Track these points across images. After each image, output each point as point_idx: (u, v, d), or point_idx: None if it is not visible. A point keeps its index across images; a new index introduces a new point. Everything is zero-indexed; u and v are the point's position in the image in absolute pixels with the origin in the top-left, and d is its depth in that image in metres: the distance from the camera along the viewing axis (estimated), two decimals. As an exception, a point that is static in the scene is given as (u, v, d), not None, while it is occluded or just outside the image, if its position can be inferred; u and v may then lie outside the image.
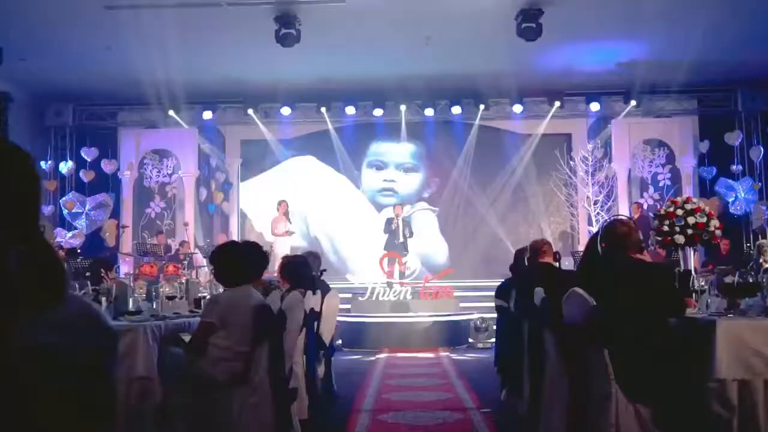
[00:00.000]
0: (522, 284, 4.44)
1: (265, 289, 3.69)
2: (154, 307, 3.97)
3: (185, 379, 3.17)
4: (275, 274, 4.90)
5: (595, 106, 13.00)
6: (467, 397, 5.56)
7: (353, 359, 8.73)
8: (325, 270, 5.71)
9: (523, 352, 4.50)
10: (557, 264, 4.55)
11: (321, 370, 5.37)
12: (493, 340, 9.63)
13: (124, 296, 4.02)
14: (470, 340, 9.89)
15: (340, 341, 9.87)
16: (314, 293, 4.85)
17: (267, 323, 3.16)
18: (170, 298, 4.09)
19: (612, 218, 3.45)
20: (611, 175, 12.87)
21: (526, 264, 4.75)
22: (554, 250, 4.59)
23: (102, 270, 5.45)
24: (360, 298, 10.57)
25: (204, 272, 10.58)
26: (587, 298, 3.20)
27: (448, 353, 9.10)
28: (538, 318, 3.92)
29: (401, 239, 11.42)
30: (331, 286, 10.55)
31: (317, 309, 4.88)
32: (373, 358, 8.66)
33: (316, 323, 4.97)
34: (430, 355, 8.94)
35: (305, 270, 4.62)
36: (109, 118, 13.48)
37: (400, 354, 8.99)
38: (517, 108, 12.96)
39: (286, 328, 3.41)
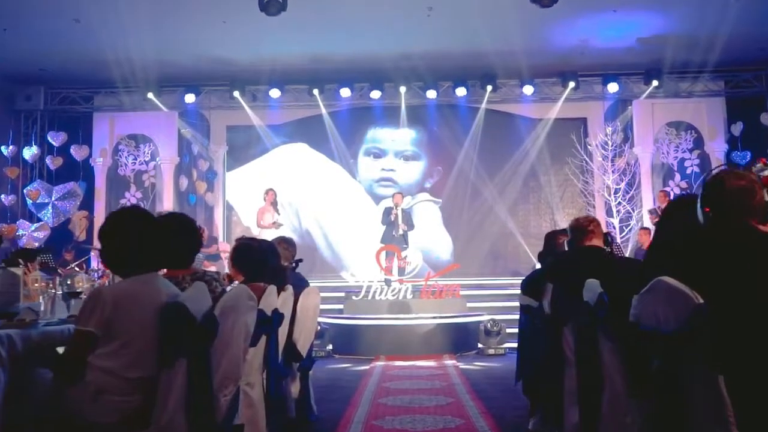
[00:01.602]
0: (562, 276, 3.25)
1: (196, 282, 2.51)
2: (42, 308, 2.79)
3: (49, 421, 1.99)
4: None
5: (613, 87, 11.96)
6: (484, 425, 4.32)
7: (344, 369, 7.55)
8: (300, 260, 4.51)
9: (562, 366, 3.32)
10: (609, 248, 3.36)
11: (295, 388, 4.19)
12: (507, 345, 8.55)
13: (8, 293, 2.83)
14: (479, 346, 8.71)
15: (330, 346, 8.72)
16: (283, 289, 3.67)
17: (181, 331, 1.98)
18: (73, 295, 2.92)
19: (720, 168, 2.27)
20: (633, 162, 11.77)
21: (566, 249, 3.56)
22: (605, 231, 3.41)
23: (21, 262, 4.25)
24: (354, 297, 9.46)
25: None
26: (687, 293, 2.02)
27: (454, 361, 7.91)
28: (591, 321, 2.74)
29: (401, 231, 10.30)
30: (324, 285, 9.30)
31: (287, 309, 3.70)
32: (366, 367, 7.47)
33: (285, 329, 3.78)
34: (434, 363, 7.74)
35: (267, 257, 3.43)
36: (84, 102, 12.56)
37: (399, 362, 7.80)
38: (528, 89, 12.06)
39: (216, 336, 2.23)
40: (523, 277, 4.32)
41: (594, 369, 2.82)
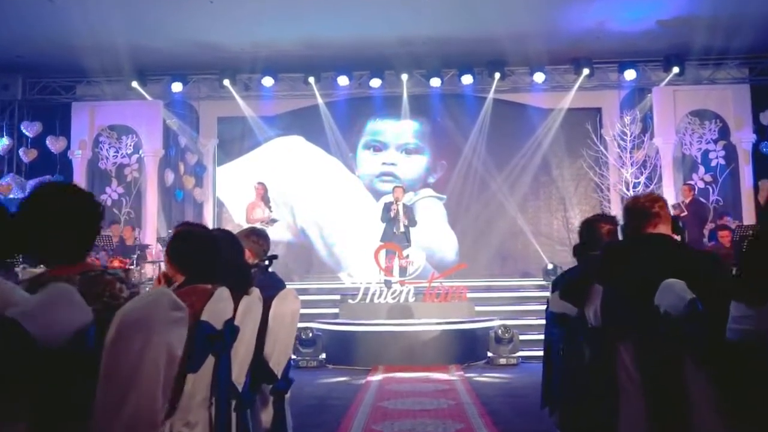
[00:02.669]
0: (620, 275, 2.39)
1: (92, 285, 1.65)
2: None
3: None
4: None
5: (630, 74, 11.27)
6: (505, 465, 3.48)
7: (337, 382, 6.70)
8: (274, 257, 3.66)
9: (615, 394, 2.47)
10: (681, 237, 2.49)
11: (267, 415, 3.34)
12: (520, 354, 7.72)
13: None
14: (489, 354, 7.86)
15: (323, 355, 7.89)
16: (246, 293, 2.82)
17: (9, 364, 1.14)
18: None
19: None
20: (653, 154, 10.99)
21: (619, 239, 2.70)
22: (672, 213, 2.55)
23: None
24: (350, 301, 8.65)
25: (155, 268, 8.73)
26: None
27: (461, 372, 7.05)
28: (674, 338, 1.90)
29: (402, 228, 9.50)
30: (320, 287, 8.30)
31: (252, 319, 2.85)
32: (362, 381, 6.60)
33: (253, 343, 2.94)
34: (439, 376, 6.86)
35: (218, 250, 2.57)
36: (65, 92, 11.96)
37: (399, 374, 6.94)
38: (539, 77, 11.40)
39: (86, 368, 1.38)
40: (539, 278, 3.47)
41: (677, 402, 1.98)
